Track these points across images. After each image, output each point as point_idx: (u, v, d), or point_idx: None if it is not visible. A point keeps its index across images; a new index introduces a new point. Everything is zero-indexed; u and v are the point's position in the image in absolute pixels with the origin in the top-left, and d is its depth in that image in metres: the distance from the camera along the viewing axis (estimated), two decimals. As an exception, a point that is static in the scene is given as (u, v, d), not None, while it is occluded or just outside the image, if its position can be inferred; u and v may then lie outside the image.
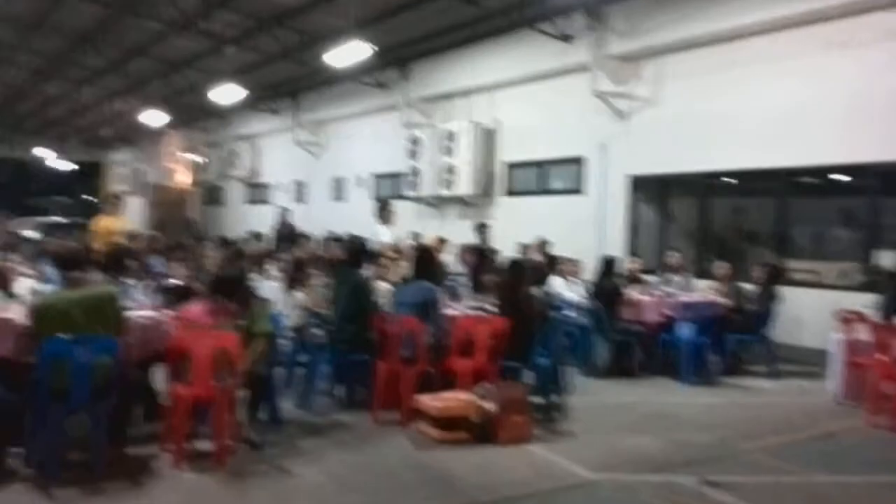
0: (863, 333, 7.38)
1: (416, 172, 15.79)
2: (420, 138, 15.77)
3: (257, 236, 14.57)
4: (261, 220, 19.19)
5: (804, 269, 10.18)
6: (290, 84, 19.20)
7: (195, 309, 5.58)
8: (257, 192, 23.58)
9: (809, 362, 8.61)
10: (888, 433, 6.43)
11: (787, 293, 9.05)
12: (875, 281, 8.96)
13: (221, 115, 22.24)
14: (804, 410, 7.22)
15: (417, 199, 15.95)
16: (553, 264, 9.75)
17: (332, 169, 19.86)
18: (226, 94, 16.38)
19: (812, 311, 9.02)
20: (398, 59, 15.91)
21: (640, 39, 11.73)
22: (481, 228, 12.02)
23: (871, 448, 6.10)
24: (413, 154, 15.88)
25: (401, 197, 15.83)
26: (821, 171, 10.33)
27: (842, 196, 10.69)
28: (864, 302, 8.14)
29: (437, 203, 15.86)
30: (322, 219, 17.82)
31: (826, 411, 7.20)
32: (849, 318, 7.63)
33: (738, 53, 10.65)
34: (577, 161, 13.16)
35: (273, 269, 8.33)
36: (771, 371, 8.65)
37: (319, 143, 20.47)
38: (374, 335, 6.56)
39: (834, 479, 5.28)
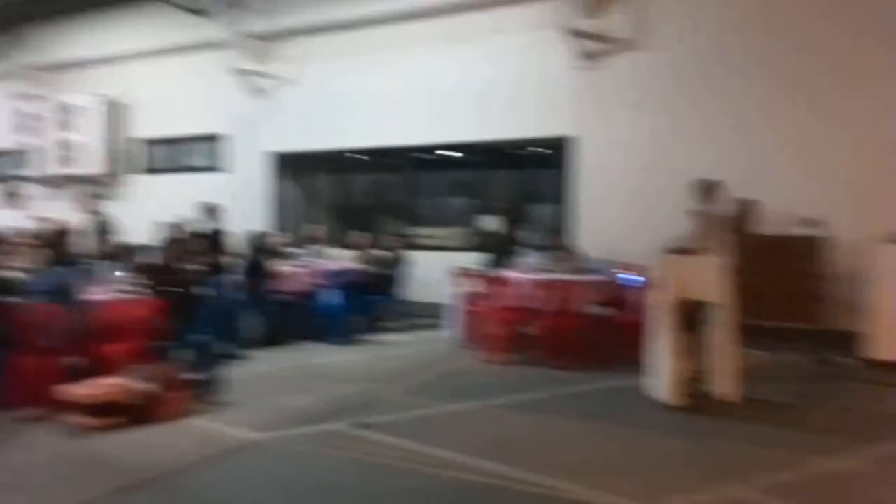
0: (476, 286, 8.74)
1: (34, 149, 14.30)
2: (37, 112, 14.30)
3: None
4: None
5: (428, 234, 11.60)
6: None
7: None
8: None
9: (437, 315, 9.87)
10: (499, 366, 7.77)
11: (415, 257, 10.29)
12: (483, 241, 10.62)
13: None
14: (432, 355, 8.35)
15: (39, 179, 14.50)
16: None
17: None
18: None
19: (435, 271, 10.31)
20: (4, 21, 14.19)
21: (279, 20, 12.13)
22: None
23: (486, 379, 7.33)
24: (25, 129, 14.34)
25: (19, 177, 14.26)
26: (442, 149, 11.79)
27: (455, 170, 12.30)
28: (476, 260, 9.64)
29: (60, 182, 14.58)
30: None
31: (451, 354, 8.41)
32: (464, 274, 8.95)
33: (371, 39, 11.62)
34: (216, 138, 13.14)
35: None
36: (405, 326, 9.81)
37: None
38: (6, 328, 6.08)
39: (460, 407, 6.30)
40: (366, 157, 12.46)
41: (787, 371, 7.01)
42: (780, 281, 7.41)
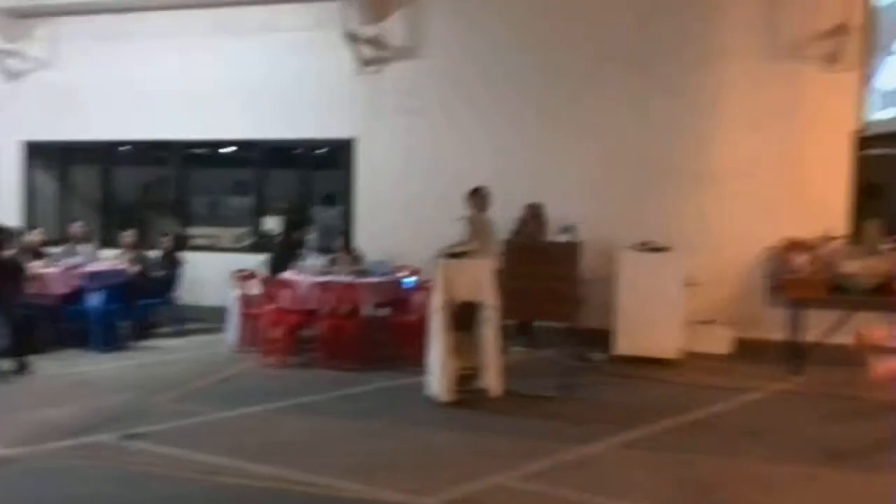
0: (255, 289, 8.58)
1: None
2: None
3: None
4: None
5: (204, 234, 11.18)
6: None
7: None
8: None
9: (212, 319, 9.54)
10: (276, 370, 7.71)
11: (189, 258, 9.87)
12: (262, 243, 10.45)
13: None
14: (208, 360, 8.09)
15: None
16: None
17: None
18: None
19: (212, 273, 9.97)
20: None
21: (33, -5, 11.08)
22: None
23: (264, 383, 7.24)
24: None
25: None
26: (216, 145, 11.41)
27: (235, 168, 11.97)
28: (255, 261, 9.47)
29: None
30: None
31: (226, 359, 8.19)
32: (242, 276, 8.76)
33: (139, 25, 10.94)
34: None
35: None
36: (178, 330, 9.37)
37: None
38: None
39: (236, 413, 6.18)
40: (133, 150, 11.74)
41: (548, 367, 7.62)
42: (543, 283, 8.01)
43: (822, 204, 8.43)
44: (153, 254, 9.65)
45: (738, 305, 8.71)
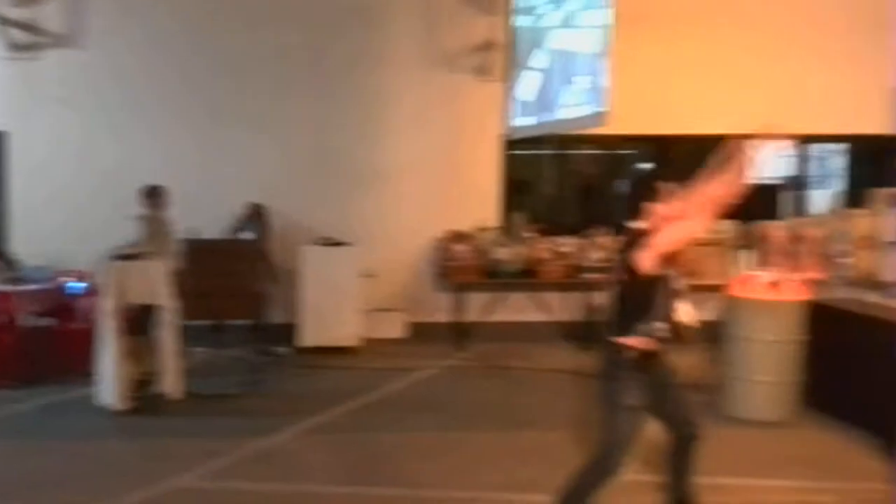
0: None
1: None
2: None
3: None
4: None
5: None
6: None
7: None
8: None
9: None
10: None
11: None
12: None
13: None
14: None
15: None
16: None
17: None
18: None
19: None
20: None
21: None
22: None
23: None
24: None
25: None
26: None
27: None
28: None
29: None
30: None
31: None
32: None
33: None
34: None
35: None
36: None
37: None
38: None
39: None
40: None
41: (230, 365, 7.58)
42: (225, 281, 7.97)
43: (478, 199, 9.42)
44: None
45: (411, 292, 9.41)
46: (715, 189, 3.61)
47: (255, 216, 8.56)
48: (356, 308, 8.44)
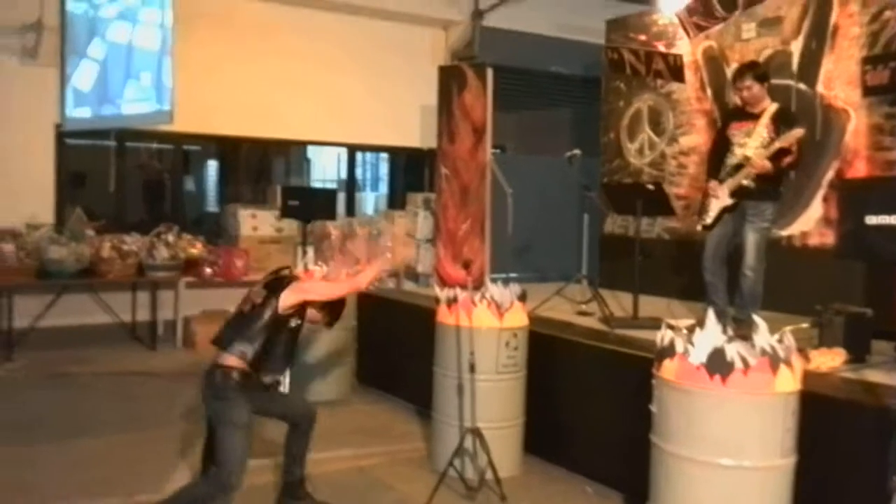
0: None
1: None
2: None
3: None
4: None
5: None
6: None
7: None
8: None
9: None
10: None
11: None
12: None
13: None
14: None
15: None
16: None
17: None
18: None
19: None
20: None
21: None
22: None
23: None
24: None
25: None
26: None
27: None
28: None
29: None
30: None
31: None
32: None
33: None
34: None
35: None
36: None
37: None
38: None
39: None
40: None
41: None
42: None
43: (29, 193, 8.55)
44: None
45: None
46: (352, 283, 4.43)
47: None
48: None
